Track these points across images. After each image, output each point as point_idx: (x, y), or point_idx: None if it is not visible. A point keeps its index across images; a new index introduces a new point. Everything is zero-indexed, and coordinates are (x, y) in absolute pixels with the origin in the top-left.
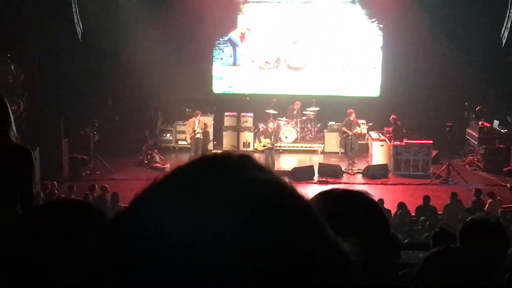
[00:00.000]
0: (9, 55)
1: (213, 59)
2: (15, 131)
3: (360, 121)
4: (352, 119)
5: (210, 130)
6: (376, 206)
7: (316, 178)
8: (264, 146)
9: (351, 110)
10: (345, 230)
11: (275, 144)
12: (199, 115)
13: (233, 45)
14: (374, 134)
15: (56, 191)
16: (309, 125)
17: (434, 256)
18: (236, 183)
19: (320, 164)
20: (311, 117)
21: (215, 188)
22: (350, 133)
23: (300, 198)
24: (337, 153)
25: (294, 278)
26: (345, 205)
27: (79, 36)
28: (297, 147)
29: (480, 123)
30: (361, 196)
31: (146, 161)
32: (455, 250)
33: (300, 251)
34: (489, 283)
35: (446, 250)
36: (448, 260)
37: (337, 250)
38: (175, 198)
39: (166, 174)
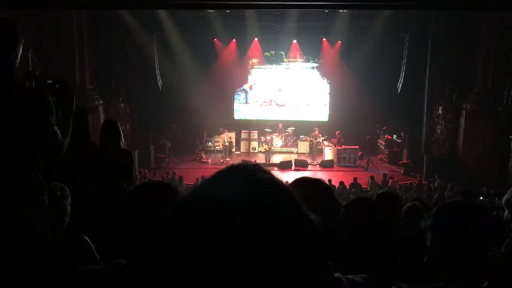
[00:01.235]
0: (120, 98)
1: (234, 100)
2: (123, 141)
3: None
4: (316, 133)
5: (233, 140)
6: (327, 187)
7: (293, 167)
8: (264, 149)
9: (316, 128)
10: (311, 201)
11: (271, 148)
12: (226, 132)
13: (245, 92)
14: (326, 142)
15: (147, 175)
16: (289, 137)
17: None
18: (250, 179)
19: (295, 159)
20: (290, 133)
21: (238, 182)
22: (314, 141)
23: (286, 189)
24: (305, 153)
25: (282, 237)
26: (311, 187)
27: (160, 87)
28: (282, 150)
29: (386, 136)
30: (319, 181)
31: (197, 158)
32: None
33: (287, 220)
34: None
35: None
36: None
37: (309, 219)
38: (218, 185)
39: (215, 172)
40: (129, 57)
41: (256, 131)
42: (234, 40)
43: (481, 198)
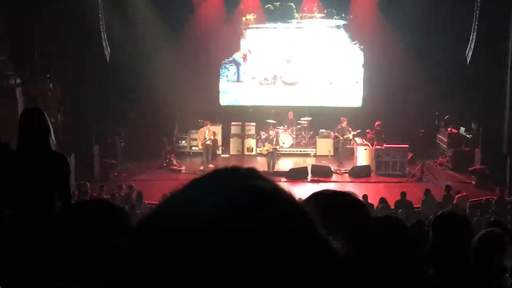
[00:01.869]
0: (48, 75)
1: (220, 77)
2: (54, 140)
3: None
4: (344, 126)
5: (219, 137)
6: (359, 202)
7: (309, 177)
8: (267, 150)
9: (343, 118)
10: (335, 226)
11: (277, 149)
12: (208, 125)
13: (237, 64)
14: (358, 140)
15: (88, 190)
16: (303, 132)
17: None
18: (242, 189)
19: (313, 165)
20: (305, 125)
21: (225, 194)
22: (341, 138)
23: (297, 203)
24: (327, 156)
25: (285, 268)
26: (335, 205)
27: (107, 58)
28: (293, 151)
29: (448, 129)
30: (348, 196)
31: (165, 164)
32: None
33: (292, 245)
34: None
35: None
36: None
37: (326, 246)
38: (195, 199)
39: (190, 181)
40: (61, 15)
41: (254, 123)
42: None
43: None
